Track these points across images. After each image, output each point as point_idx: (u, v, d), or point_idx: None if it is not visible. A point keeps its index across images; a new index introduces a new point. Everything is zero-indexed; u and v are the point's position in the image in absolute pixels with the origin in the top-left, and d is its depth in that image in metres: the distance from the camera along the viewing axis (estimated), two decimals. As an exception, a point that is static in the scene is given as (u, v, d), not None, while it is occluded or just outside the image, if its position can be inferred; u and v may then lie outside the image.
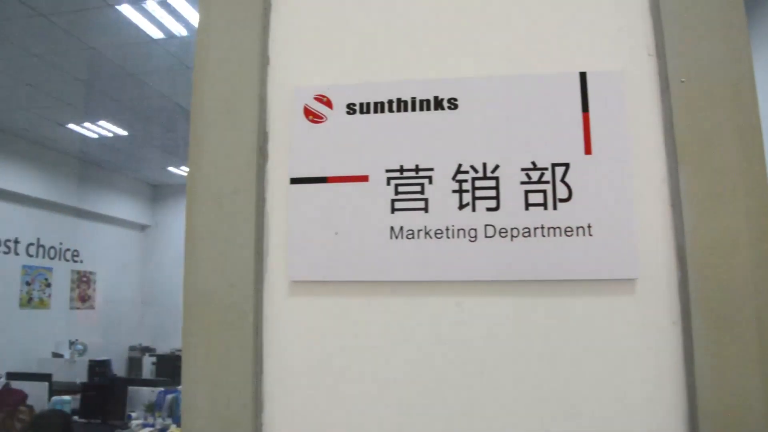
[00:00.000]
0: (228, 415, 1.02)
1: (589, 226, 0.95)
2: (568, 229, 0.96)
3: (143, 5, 4.89)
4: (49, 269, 9.61)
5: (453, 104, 1.03)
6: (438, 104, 1.03)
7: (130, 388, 5.72)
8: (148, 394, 5.61)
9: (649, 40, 1.02)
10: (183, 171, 10.79)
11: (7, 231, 8.79)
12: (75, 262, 10.19)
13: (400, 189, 1.01)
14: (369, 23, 1.12)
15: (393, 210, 1.01)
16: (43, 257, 9.50)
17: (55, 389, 6.14)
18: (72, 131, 8.41)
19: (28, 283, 9.18)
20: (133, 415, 5.56)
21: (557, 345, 0.97)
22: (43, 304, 9.43)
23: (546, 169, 0.98)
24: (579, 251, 0.95)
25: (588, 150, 0.97)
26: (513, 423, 0.96)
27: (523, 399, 0.97)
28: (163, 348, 10.35)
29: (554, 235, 0.96)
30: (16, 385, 5.77)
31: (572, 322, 0.97)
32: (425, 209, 1.00)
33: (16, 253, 9.00)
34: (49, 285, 9.57)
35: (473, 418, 0.97)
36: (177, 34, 5.36)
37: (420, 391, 0.99)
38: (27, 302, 9.13)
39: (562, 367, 0.96)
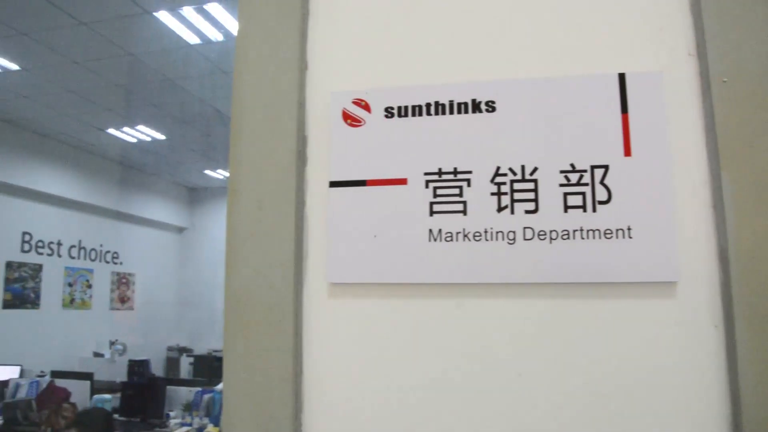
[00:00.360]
0: (268, 414, 1.04)
1: (628, 229, 0.95)
2: (608, 232, 0.95)
3: (180, 12, 4.97)
4: (90, 271, 9.82)
5: (491, 107, 1.03)
6: (476, 107, 1.03)
7: (169, 388, 5.81)
8: (185, 393, 5.69)
9: (689, 39, 1.01)
10: (219, 174, 10.92)
11: (50, 233, 9.00)
12: (115, 263, 10.39)
13: (439, 192, 1.02)
14: (405, 27, 1.12)
15: (431, 213, 1.01)
16: (85, 259, 9.71)
17: (96, 388, 6.27)
18: (112, 136, 8.58)
19: (70, 285, 9.39)
20: (172, 414, 5.64)
21: (596, 349, 0.96)
22: (84, 304, 9.63)
23: (585, 171, 0.97)
24: (618, 254, 0.95)
25: (627, 152, 0.97)
26: (551, 428, 0.96)
27: (561, 404, 0.96)
28: (200, 348, 10.47)
29: (593, 237, 0.95)
30: (59, 383, 5.91)
31: (611, 325, 0.96)
32: (464, 212, 1.00)
33: (59, 255, 9.21)
34: (90, 286, 9.78)
35: (511, 422, 0.97)
36: (213, 40, 5.44)
37: (457, 393, 0.99)
38: (69, 303, 9.34)
39: (601, 371, 0.95)
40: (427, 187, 1.02)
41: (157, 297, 11.19)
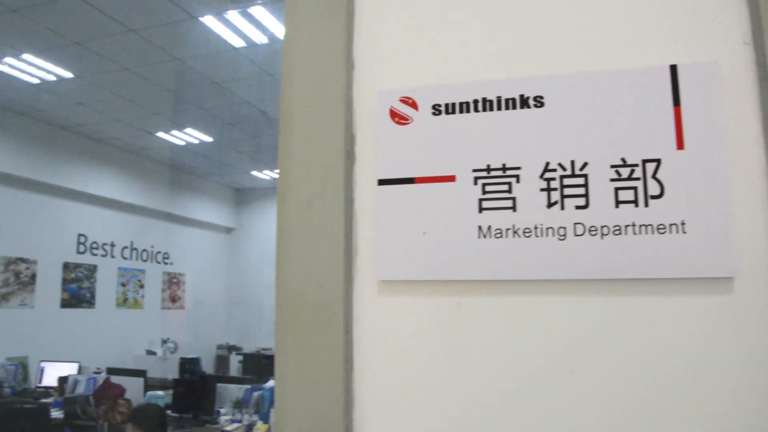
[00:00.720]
0: (319, 411, 1.05)
1: (682, 223, 0.93)
2: (661, 227, 0.93)
3: (225, 16, 5.06)
4: (142, 271, 10.07)
5: (539, 102, 1.02)
6: (524, 103, 1.03)
7: (219, 385, 5.92)
8: (235, 391, 5.78)
9: (744, 28, 0.98)
10: (266, 175, 11.05)
11: (104, 235, 9.27)
12: (165, 264, 10.63)
13: (488, 188, 1.01)
14: (452, 24, 1.12)
15: (480, 209, 1.01)
16: (137, 260, 9.96)
17: (149, 384, 6.44)
18: (161, 139, 8.78)
19: (123, 285, 9.64)
20: (222, 410, 5.74)
21: (648, 346, 0.94)
22: (137, 304, 9.88)
23: (636, 165, 0.96)
24: (672, 249, 0.93)
25: (680, 145, 0.95)
26: (604, 426, 0.94)
27: (614, 401, 0.95)
28: (249, 347, 10.63)
29: (646, 232, 0.94)
30: (114, 379, 6.09)
31: (665, 322, 0.94)
32: (513, 208, 0.99)
33: (112, 256, 9.47)
34: (142, 286, 10.03)
35: (563, 419, 0.96)
36: (258, 43, 5.51)
37: (507, 390, 0.99)
38: (123, 302, 9.60)
39: (653, 368, 0.93)
40: (475, 183, 1.02)
41: (206, 296, 11.40)
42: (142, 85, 6.66)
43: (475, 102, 1.05)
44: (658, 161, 0.95)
